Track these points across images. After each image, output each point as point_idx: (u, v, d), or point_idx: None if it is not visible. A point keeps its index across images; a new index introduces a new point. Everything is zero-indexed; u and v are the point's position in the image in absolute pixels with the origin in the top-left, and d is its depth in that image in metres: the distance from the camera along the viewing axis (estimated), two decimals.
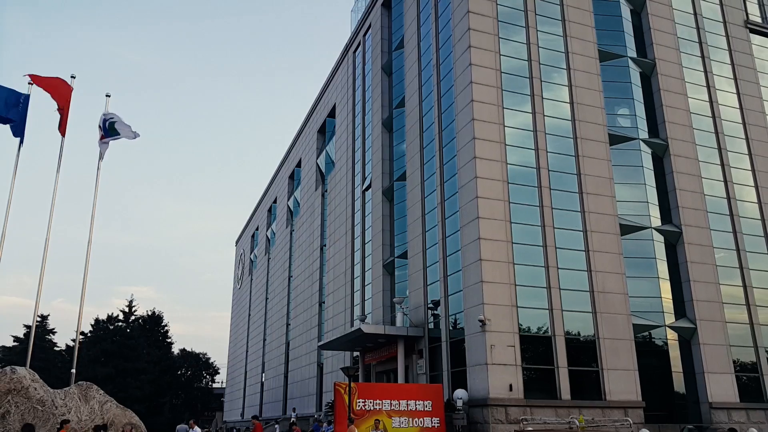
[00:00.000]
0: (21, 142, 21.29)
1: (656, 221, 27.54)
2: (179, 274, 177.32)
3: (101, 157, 22.86)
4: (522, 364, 22.83)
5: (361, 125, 39.10)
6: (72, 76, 22.54)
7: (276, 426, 37.26)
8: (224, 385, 79.42)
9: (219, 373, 78.20)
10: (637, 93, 29.66)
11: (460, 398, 22.51)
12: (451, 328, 25.74)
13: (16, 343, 42.29)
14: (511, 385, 22.16)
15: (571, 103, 27.41)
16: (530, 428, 20.21)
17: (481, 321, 22.59)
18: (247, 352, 67.41)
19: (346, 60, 43.79)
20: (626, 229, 26.57)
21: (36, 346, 21.45)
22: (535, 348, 23.92)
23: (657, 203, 27.96)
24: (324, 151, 47.11)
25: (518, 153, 25.81)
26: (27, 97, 21.63)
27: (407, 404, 22.22)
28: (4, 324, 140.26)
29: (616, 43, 29.85)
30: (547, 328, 23.91)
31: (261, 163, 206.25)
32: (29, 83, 21.86)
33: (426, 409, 22.31)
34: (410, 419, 22.00)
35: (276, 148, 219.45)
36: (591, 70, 28.28)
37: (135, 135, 23.23)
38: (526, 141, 26.20)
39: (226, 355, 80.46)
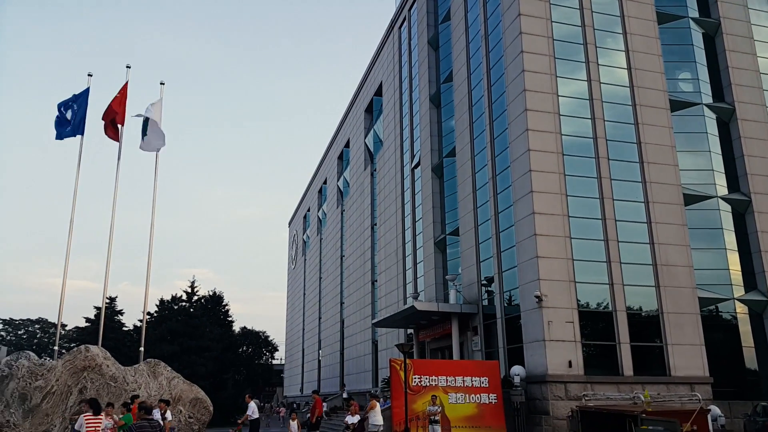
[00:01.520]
0: (82, 135, 21.98)
1: (723, 190, 26.27)
2: (236, 256, 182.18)
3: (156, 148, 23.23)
4: (581, 340, 22.35)
5: (408, 102, 38.71)
6: (127, 66, 23.11)
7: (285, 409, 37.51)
8: (283, 362, 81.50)
9: (278, 350, 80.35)
10: (700, 55, 28.16)
11: (518, 375, 22.29)
12: (506, 304, 25.43)
13: (88, 324, 44.42)
14: (570, 362, 21.76)
15: (629, 68, 26.27)
16: (592, 404, 19.81)
17: (537, 297, 22.21)
18: (303, 329, 68.79)
19: (392, 36, 43.30)
20: (690, 199, 25.47)
21: (106, 327, 22.40)
22: (595, 324, 23.37)
23: (723, 171, 26.65)
24: (372, 131, 46.98)
25: (573, 123, 25.00)
26: (86, 91, 22.27)
27: (463, 380, 22.17)
28: (76, 306, 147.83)
29: (676, 4, 28.35)
30: (608, 304, 23.30)
31: (311, 145, 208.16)
32: (89, 75, 22.56)
33: (483, 385, 22.22)
34: (467, 395, 21.96)
35: (325, 130, 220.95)
36: (649, 33, 26.98)
37: (158, 148, 22.72)
38: (581, 110, 25.33)
39: (284, 333, 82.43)
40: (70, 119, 21.51)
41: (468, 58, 30.55)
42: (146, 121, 22.33)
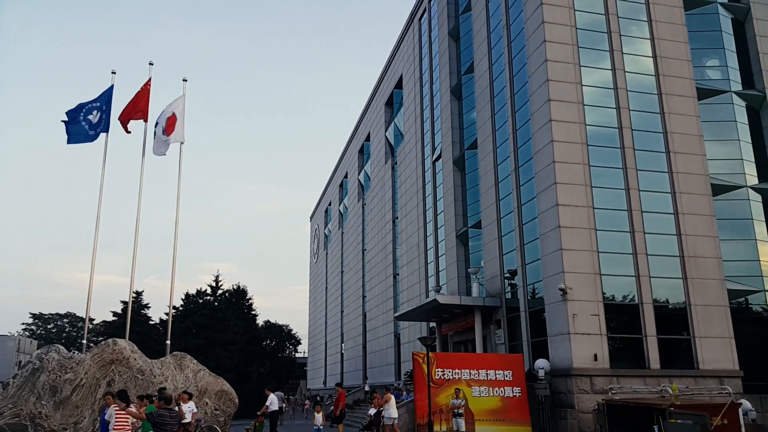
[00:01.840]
0: (107, 132, 22.19)
1: (753, 179, 25.67)
2: (259, 251, 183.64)
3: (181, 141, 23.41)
4: (607, 333, 22.05)
5: (429, 94, 38.50)
6: (150, 63, 23.31)
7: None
8: (306, 355, 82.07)
9: (300, 343, 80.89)
10: (729, 42, 27.47)
11: (542, 368, 22.11)
12: (529, 297, 25.22)
13: (115, 318, 45.11)
14: (596, 355, 21.50)
15: (654, 57, 25.76)
16: (618, 397, 19.58)
17: (561, 290, 21.97)
18: (326, 323, 69.16)
19: (412, 28, 43.06)
20: (719, 189, 24.94)
21: (133, 320, 22.70)
22: (620, 317, 23.05)
23: (753, 160, 26.00)
24: (392, 124, 46.86)
25: (598, 113, 24.62)
26: (111, 89, 22.45)
27: (487, 374, 22.09)
28: (103, 300, 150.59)
29: None
30: (634, 296, 22.96)
31: (332, 139, 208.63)
32: (112, 72, 22.80)
33: (506, 378, 22.11)
34: (490, 388, 21.87)
35: (345, 124, 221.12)
36: (675, 20, 26.40)
37: (161, 153, 22.84)
38: (605, 100, 24.93)
39: (307, 327, 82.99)
40: (96, 121, 21.55)
41: (489, 49, 30.25)
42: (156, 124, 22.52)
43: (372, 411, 21.36)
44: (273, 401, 20.85)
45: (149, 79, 22.82)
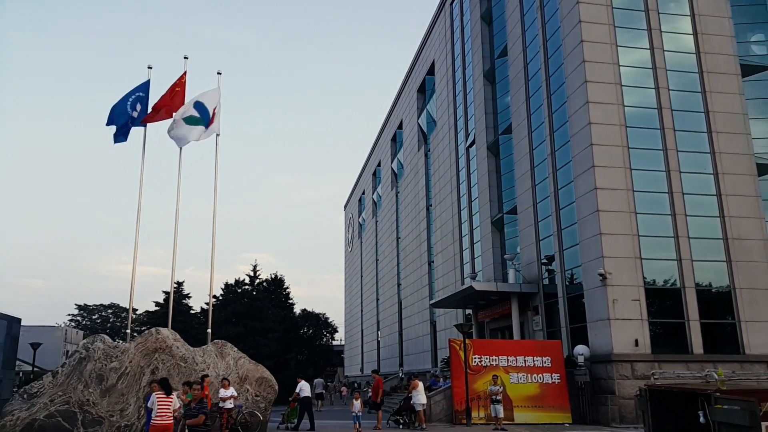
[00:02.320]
0: (145, 126, 22.51)
1: None
2: (294, 241, 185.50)
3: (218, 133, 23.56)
4: (648, 318, 21.65)
5: (461, 80, 38.10)
6: (185, 57, 23.55)
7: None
8: (343, 343, 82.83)
9: (337, 331, 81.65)
10: None
11: (581, 354, 21.85)
12: (567, 283, 24.88)
13: (157, 308, 46.21)
14: (636, 340, 21.15)
15: (695, 34, 24.94)
16: (661, 382, 19.19)
17: (601, 275, 21.62)
18: (361, 311, 69.61)
19: (443, 13, 42.59)
20: (765, 169, 24.11)
21: (174, 310, 23.23)
22: (662, 301, 22.58)
23: None
24: (425, 111, 46.57)
25: (636, 93, 24.00)
26: (147, 83, 22.71)
27: (525, 360, 21.94)
28: (145, 291, 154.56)
29: None
30: (676, 280, 22.44)
31: (364, 128, 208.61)
32: (149, 67, 23.13)
33: (545, 365, 21.93)
34: (529, 375, 21.74)
35: (378, 113, 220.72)
36: None
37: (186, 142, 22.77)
38: (644, 80, 24.28)
39: (343, 315, 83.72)
40: (136, 117, 21.78)
41: (523, 31, 29.73)
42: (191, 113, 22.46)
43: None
44: (303, 388, 21.14)
45: (184, 73, 23.01)
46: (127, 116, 21.33)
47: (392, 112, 57.46)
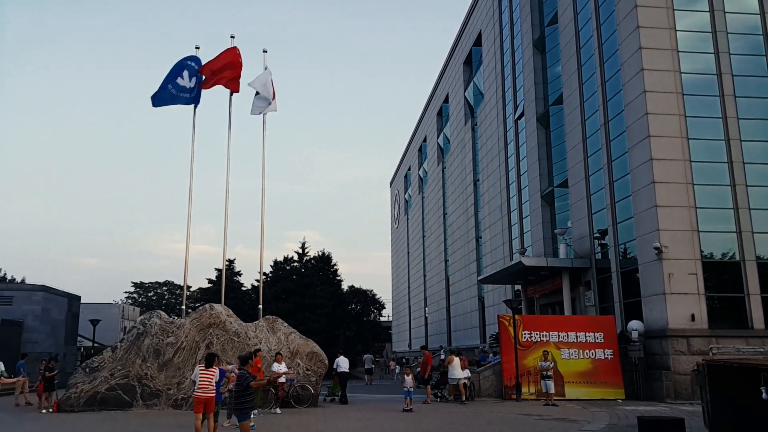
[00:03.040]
0: (196, 105, 22.93)
1: None
2: (340, 218, 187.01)
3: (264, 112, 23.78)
4: (705, 292, 20.90)
5: (510, 50, 37.13)
6: (231, 36, 23.70)
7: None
8: (390, 319, 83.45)
9: (384, 307, 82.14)
10: None
11: (636, 329, 21.34)
12: (621, 257, 24.23)
13: (210, 285, 47.48)
14: (693, 315, 20.48)
15: None
16: (719, 357, 18.56)
17: (656, 249, 20.94)
18: (409, 287, 69.83)
19: None
20: None
21: (227, 287, 23.81)
22: (720, 275, 21.73)
23: None
24: (471, 83, 45.71)
25: (694, 59, 22.86)
26: (198, 61, 23.06)
27: (576, 336, 21.62)
28: (198, 269, 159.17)
29: None
30: (735, 253, 21.53)
31: (409, 103, 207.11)
32: (196, 47, 23.40)
33: (597, 341, 21.56)
34: (580, 351, 21.42)
35: (423, 87, 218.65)
36: None
37: (265, 110, 23.18)
38: (702, 45, 23.09)
39: (390, 291, 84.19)
40: (189, 88, 22.33)
41: None
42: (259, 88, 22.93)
43: (458, 372, 21.41)
44: (341, 363, 21.55)
45: (236, 49, 23.09)
46: (176, 86, 21.90)
47: (438, 86, 56.68)
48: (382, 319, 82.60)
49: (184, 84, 22.23)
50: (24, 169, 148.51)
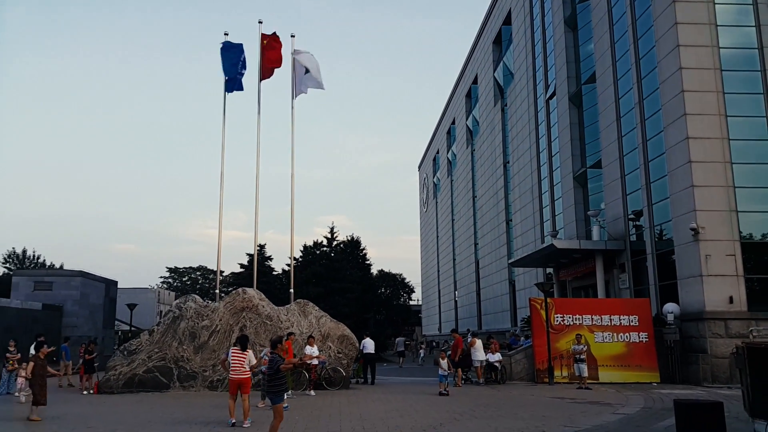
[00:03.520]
0: (231, 91, 23.25)
1: None
2: (368, 203, 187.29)
3: (294, 95, 23.94)
4: (744, 274, 20.35)
5: (540, 28, 36.37)
6: (259, 21, 23.78)
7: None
8: (420, 302, 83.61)
9: (414, 291, 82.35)
10: None
11: (671, 312, 20.94)
12: (656, 239, 23.73)
13: (242, 269, 48.07)
14: (731, 297, 19.98)
15: None
16: (760, 340, 18.10)
17: (693, 230, 20.44)
18: (438, 271, 69.76)
19: None
20: None
21: (258, 271, 24.12)
22: (760, 256, 21.12)
23: None
24: (501, 63, 44.98)
25: (733, 33, 22.06)
26: (240, 48, 23.51)
27: (610, 319, 21.34)
28: (229, 254, 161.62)
29: None
30: None
31: (437, 85, 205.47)
32: (225, 34, 23.56)
33: (632, 324, 21.25)
34: (614, 334, 21.15)
35: (451, 69, 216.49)
36: None
37: (308, 88, 23.69)
38: (742, 18, 22.25)
39: (419, 275, 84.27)
40: (235, 73, 23.03)
41: None
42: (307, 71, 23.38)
43: (490, 356, 21.38)
44: (366, 345, 22.17)
45: (274, 34, 23.44)
46: (236, 72, 22.86)
47: (466, 67, 55.97)
48: (411, 303, 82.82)
49: (236, 70, 23.04)
50: (62, 158, 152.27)
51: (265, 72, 23.38)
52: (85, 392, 18.37)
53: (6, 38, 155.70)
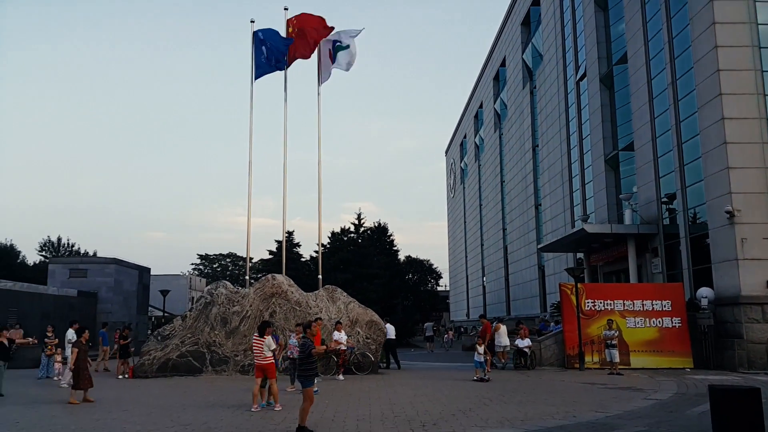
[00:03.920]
0: (258, 77, 23.39)
1: None
2: (395, 189, 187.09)
3: (320, 82, 23.92)
4: None
5: (570, 8, 35.58)
6: (285, 8, 23.76)
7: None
8: (448, 288, 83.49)
9: (441, 277, 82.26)
10: None
11: (705, 297, 20.50)
12: (690, 222, 23.21)
13: (270, 256, 48.60)
14: None
15: None
16: None
17: (728, 213, 19.92)
18: (466, 257, 69.48)
19: None
20: None
21: (287, 258, 24.35)
22: None
23: None
24: (529, 45, 44.21)
25: None
26: (274, 33, 23.63)
27: (643, 304, 21.00)
28: (258, 241, 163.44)
29: None
30: None
31: (464, 69, 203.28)
32: (251, 21, 23.64)
33: (665, 308, 20.88)
34: (646, 319, 20.82)
35: (478, 52, 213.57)
36: None
37: (348, 67, 23.82)
38: None
39: (446, 261, 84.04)
40: (265, 59, 23.24)
41: None
42: (339, 46, 23.44)
43: (519, 342, 21.25)
44: (388, 330, 22.03)
45: (308, 17, 23.52)
46: (263, 58, 23.17)
47: (494, 49, 55.19)
48: (439, 288, 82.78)
49: (267, 56, 23.23)
50: (92, 148, 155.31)
51: (290, 59, 23.38)
52: (120, 377, 18.83)
53: (38, 27, 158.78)
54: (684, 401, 12.69)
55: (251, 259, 25.78)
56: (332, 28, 23.53)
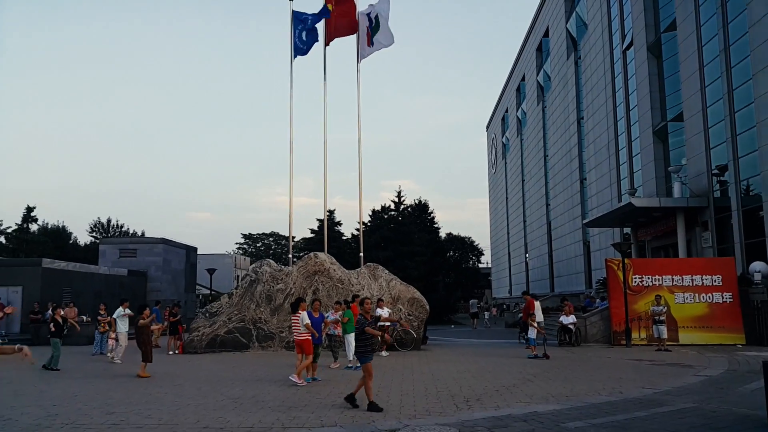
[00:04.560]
0: (296, 56, 23.53)
1: None
2: (435, 166, 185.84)
3: (360, 59, 23.82)
4: None
5: None
6: None
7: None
8: (489, 265, 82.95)
9: (483, 254, 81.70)
10: None
11: (759, 271, 19.81)
12: (742, 195, 22.34)
13: (312, 235, 49.18)
14: None
15: None
16: None
17: None
18: (508, 233, 68.78)
19: None
20: None
21: (328, 236, 24.57)
22: None
23: None
24: (573, 14, 42.88)
25: None
26: (315, 16, 23.70)
27: (692, 279, 20.41)
28: (299, 220, 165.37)
29: None
30: None
31: (506, 42, 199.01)
32: (290, 0, 23.66)
33: (715, 284, 20.26)
34: (696, 294, 20.25)
35: (520, 23, 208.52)
36: None
37: (390, 43, 23.62)
38: None
39: (488, 238, 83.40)
40: (304, 39, 23.41)
41: None
42: (377, 17, 23.32)
43: (563, 318, 21.00)
44: None
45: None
46: (300, 38, 23.28)
47: (536, 20, 53.78)
48: (481, 265, 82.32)
49: (306, 35, 23.40)
50: (140, 130, 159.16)
51: (330, 37, 23.36)
52: (170, 353, 19.47)
53: (75, 14, 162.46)
54: (736, 378, 12.34)
55: (293, 237, 26.10)
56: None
